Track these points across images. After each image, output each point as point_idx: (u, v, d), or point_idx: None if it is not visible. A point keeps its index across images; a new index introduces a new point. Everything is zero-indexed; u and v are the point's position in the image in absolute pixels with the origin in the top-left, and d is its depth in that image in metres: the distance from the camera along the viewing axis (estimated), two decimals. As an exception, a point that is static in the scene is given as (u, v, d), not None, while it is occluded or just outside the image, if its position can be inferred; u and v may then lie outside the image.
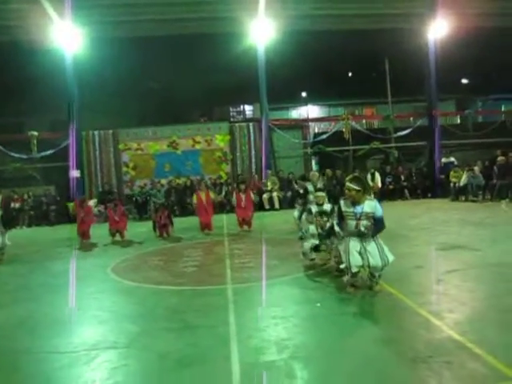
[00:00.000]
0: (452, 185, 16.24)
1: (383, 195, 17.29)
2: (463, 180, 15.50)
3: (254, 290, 5.91)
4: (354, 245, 5.26)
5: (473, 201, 15.13)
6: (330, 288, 5.73)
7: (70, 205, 15.85)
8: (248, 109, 26.03)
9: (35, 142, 17.74)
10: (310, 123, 22.23)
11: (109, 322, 4.98)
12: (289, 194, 16.42)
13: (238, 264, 7.53)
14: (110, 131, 18.73)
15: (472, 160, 16.98)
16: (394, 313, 4.69)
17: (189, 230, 12.06)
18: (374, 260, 5.18)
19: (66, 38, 15.82)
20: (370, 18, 17.30)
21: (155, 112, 21.82)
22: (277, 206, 16.53)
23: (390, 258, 5.25)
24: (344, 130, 19.21)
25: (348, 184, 5.32)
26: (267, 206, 16.48)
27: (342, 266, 5.51)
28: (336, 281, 5.93)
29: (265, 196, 16.65)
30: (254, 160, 18.99)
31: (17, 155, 17.75)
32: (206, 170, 18.88)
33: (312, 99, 24.81)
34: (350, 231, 5.30)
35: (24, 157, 17.78)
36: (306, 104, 24.98)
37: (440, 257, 7.27)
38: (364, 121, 22.23)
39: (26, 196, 17.18)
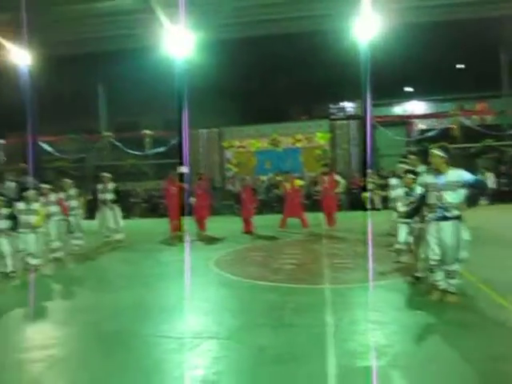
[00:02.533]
0: None
1: (496, 197, 15.98)
2: None
3: (351, 292, 5.87)
4: (433, 234, 4.98)
5: None
6: (430, 295, 5.50)
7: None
8: (349, 106, 25.51)
9: (149, 140, 19.21)
10: (414, 120, 21.20)
11: (211, 313, 5.28)
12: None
13: (336, 264, 7.50)
14: (216, 129, 19.61)
15: None
16: (505, 328, 4.36)
17: (287, 227, 12.19)
18: (446, 249, 4.88)
19: (177, 43, 16.80)
20: (481, 6, 15.95)
21: (258, 111, 22.31)
22: (378, 205, 16.03)
23: (465, 254, 4.92)
24: (452, 126, 17.99)
25: (433, 150, 5.05)
26: (368, 206, 16.05)
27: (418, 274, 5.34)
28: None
29: (365, 195, 16.21)
30: (354, 158, 18.63)
31: (132, 152, 19.37)
32: (307, 167, 18.92)
33: (417, 94, 23.60)
34: (431, 206, 4.96)
35: (139, 153, 19.32)
36: (411, 99, 23.81)
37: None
38: (475, 116, 20.60)
39: (138, 190, 18.64)
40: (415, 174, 6.41)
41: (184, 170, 17.99)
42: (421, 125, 21.66)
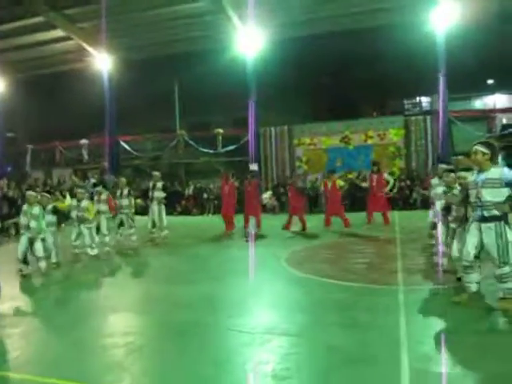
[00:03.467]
0: None
1: None
2: None
3: (426, 295, 5.64)
4: (472, 234, 4.73)
5: None
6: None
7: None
8: (425, 100, 24.42)
9: (220, 138, 19.70)
10: (497, 114, 19.88)
11: (282, 310, 5.33)
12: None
13: (410, 265, 7.24)
14: (286, 127, 19.66)
15: None
16: None
17: (355, 226, 11.96)
18: (491, 250, 4.60)
19: (248, 42, 17.07)
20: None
21: (328, 107, 22.08)
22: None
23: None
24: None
25: (476, 146, 4.78)
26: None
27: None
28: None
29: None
30: (430, 155, 17.86)
31: (205, 150, 19.96)
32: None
33: (500, 87, 22.09)
34: (472, 204, 4.73)
35: (211, 151, 19.87)
36: (493, 93, 22.34)
37: None
38: None
39: (211, 187, 19.16)
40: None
41: (254, 167, 18.30)
42: (503, 119, 20.28)
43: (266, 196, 12.06)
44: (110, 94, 19.67)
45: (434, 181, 7.97)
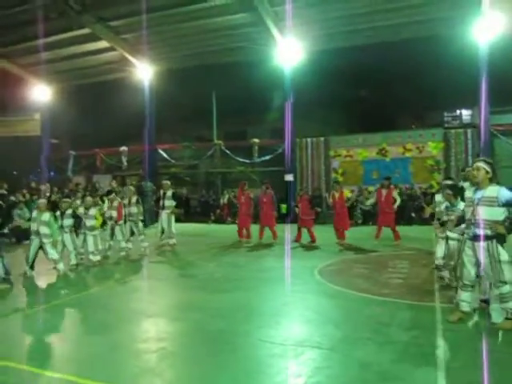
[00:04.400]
0: None
1: None
2: None
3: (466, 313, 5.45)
4: (468, 254, 4.69)
5: None
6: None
7: (283, 206, 17.15)
8: (465, 113, 23.80)
9: (256, 148, 19.82)
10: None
11: (314, 322, 5.28)
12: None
13: (447, 281, 7.04)
14: (322, 138, 19.56)
15: None
16: None
17: (388, 239, 11.74)
18: (488, 271, 4.58)
19: (286, 54, 17.16)
20: None
21: (366, 119, 21.84)
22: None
23: (508, 276, 4.51)
24: None
25: (476, 163, 4.74)
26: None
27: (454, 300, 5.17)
28: None
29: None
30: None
31: (241, 160, 20.12)
32: (416, 178, 18.04)
33: (548, 100, 21.31)
34: (467, 220, 4.70)
35: (247, 161, 20.01)
36: (541, 106, 21.54)
37: None
38: None
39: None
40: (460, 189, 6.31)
41: (289, 177, 18.28)
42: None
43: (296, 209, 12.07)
44: (150, 103, 20.17)
45: (438, 197, 7.71)
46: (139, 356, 4.37)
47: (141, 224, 10.80)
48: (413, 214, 15.73)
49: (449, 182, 7.14)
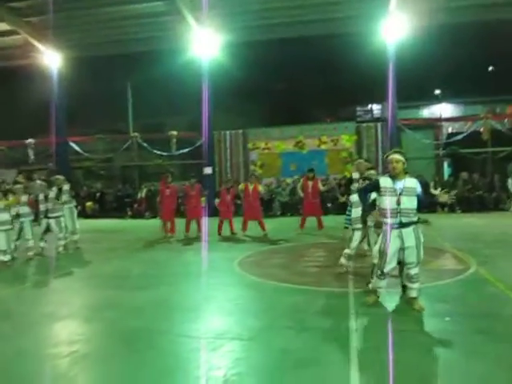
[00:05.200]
0: None
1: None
2: None
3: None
4: (395, 241, 4.93)
5: None
6: (462, 301, 5.40)
7: (202, 199, 16.99)
8: (376, 108, 25.19)
9: (174, 140, 19.43)
10: (443, 123, 20.78)
11: (233, 314, 5.27)
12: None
13: (360, 268, 7.38)
14: (240, 131, 19.66)
15: None
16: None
17: (311, 228, 12.12)
18: (409, 254, 4.93)
19: (204, 45, 16.96)
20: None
21: (283, 112, 22.29)
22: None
23: (422, 255, 5.00)
24: (482, 129, 17.61)
25: (393, 156, 5.05)
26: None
27: (370, 286, 5.50)
28: (473, 294, 5.56)
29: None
30: (380, 161, 18.39)
31: (158, 152, 19.63)
32: (332, 170, 18.78)
33: (447, 97, 23.13)
34: (391, 209, 4.91)
35: (164, 154, 19.56)
36: (440, 102, 23.34)
37: None
38: (506, 120, 20.04)
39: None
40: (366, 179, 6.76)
41: (208, 170, 18.16)
42: (449, 128, 21.25)
43: (216, 200, 11.97)
44: (60, 93, 18.97)
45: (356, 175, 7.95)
46: (48, 362, 4.08)
47: (62, 220, 10.07)
48: (329, 205, 16.33)
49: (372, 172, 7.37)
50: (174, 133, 19.63)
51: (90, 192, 19.47)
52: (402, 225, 4.91)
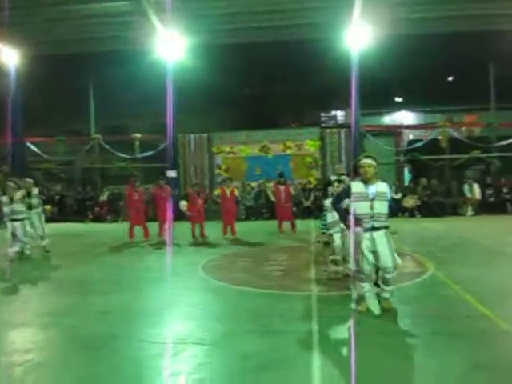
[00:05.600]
0: None
1: (482, 208, 16.15)
2: None
3: (339, 300, 5.80)
4: (367, 243, 4.95)
5: None
6: (422, 303, 5.56)
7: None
8: (340, 114, 25.61)
9: (138, 143, 19.11)
10: (403, 130, 21.38)
11: (196, 319, 5.21)
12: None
13: (324, 272, 7.45)
14: (205, 135, 19.57)
15: None
16: (487, 337, 4.33)
17: (275, 233, 12.18)
18: (384, 259, 4.91)
19: (169, 47, 16.78)
20: (473, 20, 16.15)
21: (248, 117, 22.33)
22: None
23: (398, 260, 5.04)
24: (441, 137, 18.22)
25: (365, 160, 5.08)
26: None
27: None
28: (431, 296, 5.71)
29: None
30: (344, 166, 18.70)
31: (121, 155, 19.25)
32: (296, 174, 18.95)
33: (407, 105, 23.83)
34: (364, 214, 4.93)
35: (128, 157, 19.20)
36: (400, 110, 24.02)
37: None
38: (463, 128, 20.85)
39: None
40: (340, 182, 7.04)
41: (172, 174, 17.95)
42: (410, 135, 21.88)
43: (184, 203, 11.83)
44: (16, 91, 18.29)
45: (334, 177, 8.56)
46: (1, 371, 3.90)
47: (27, 223, 9.64)
48: (294, 209, 16.43)
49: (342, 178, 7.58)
50: (138, 135, 19.34)
51: (50, 195, 18.87)
52: (373, 228, 4.95)
